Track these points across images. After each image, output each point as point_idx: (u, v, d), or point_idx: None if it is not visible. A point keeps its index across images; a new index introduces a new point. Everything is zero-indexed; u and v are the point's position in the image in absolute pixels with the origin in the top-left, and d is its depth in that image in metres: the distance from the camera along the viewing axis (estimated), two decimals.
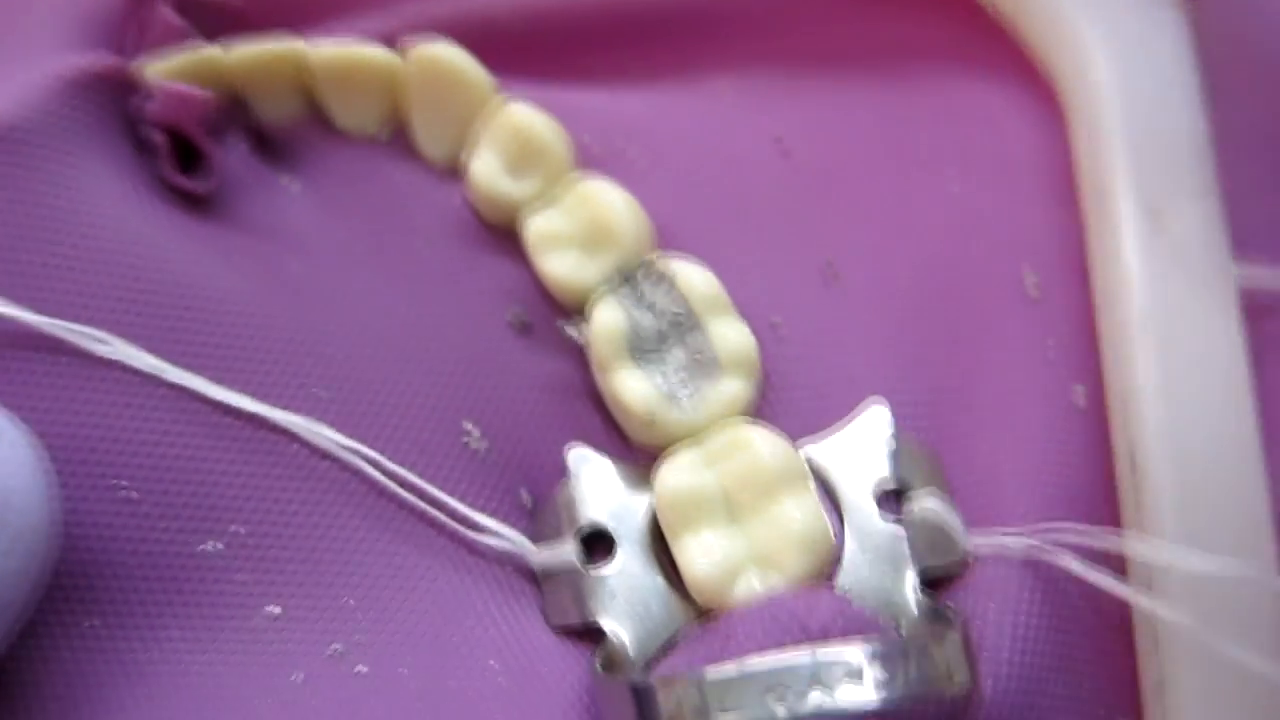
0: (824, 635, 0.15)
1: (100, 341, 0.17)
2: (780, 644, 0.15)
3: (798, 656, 0.14)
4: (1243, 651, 0.16)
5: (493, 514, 0.18)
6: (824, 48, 0.22)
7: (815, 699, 0.14)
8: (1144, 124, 0.20)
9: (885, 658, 0.14)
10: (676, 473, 0.17)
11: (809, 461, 0.18)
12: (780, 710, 0.14)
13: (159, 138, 0.19)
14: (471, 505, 0.18)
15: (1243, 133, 0.21)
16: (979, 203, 0.21)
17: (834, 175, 0.21)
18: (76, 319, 0.17)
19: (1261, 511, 0.17)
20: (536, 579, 0.18)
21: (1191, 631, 0.16)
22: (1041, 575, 0.17)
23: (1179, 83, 0.21)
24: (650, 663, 0.17)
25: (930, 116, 0.22)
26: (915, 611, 0.16)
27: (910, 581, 0.17)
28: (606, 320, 0.18)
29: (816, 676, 0.14)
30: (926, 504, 0.17)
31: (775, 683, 0.14)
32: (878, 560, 0.17)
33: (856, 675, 0.14)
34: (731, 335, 0.18)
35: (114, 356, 0.17)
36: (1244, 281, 0.19)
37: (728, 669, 0.14)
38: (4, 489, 0.14)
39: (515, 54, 0.21)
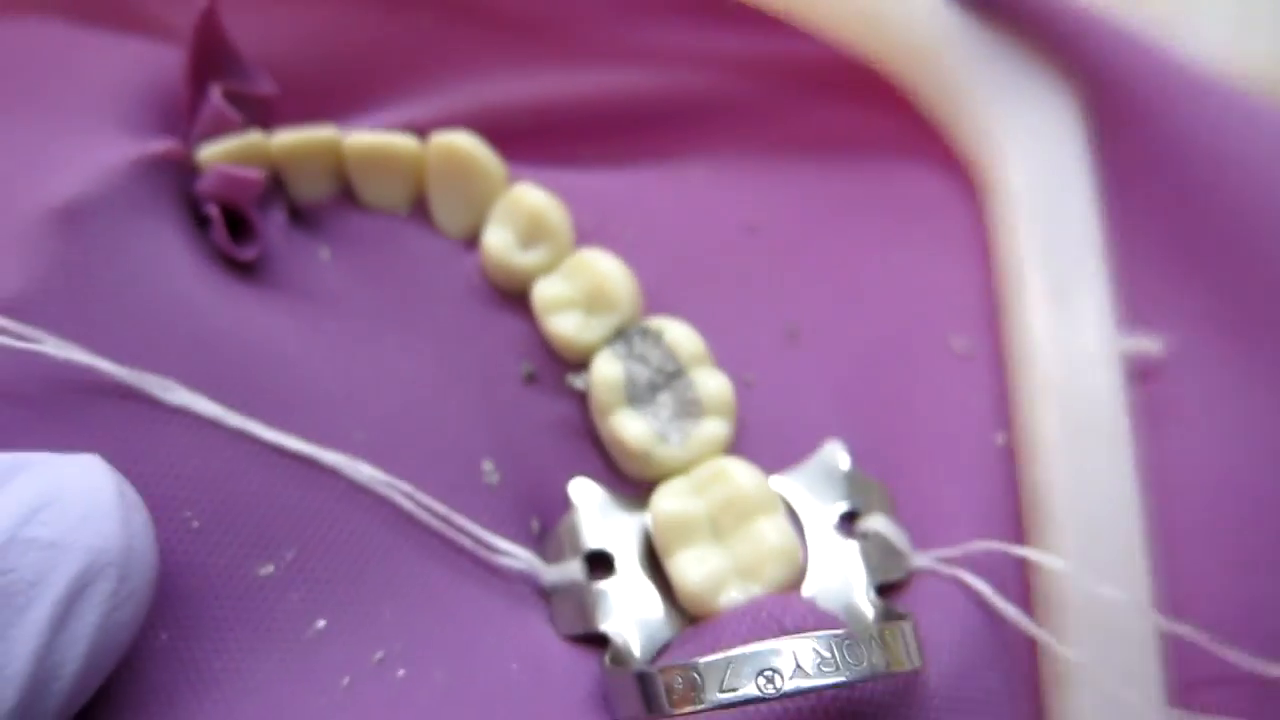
0: (798, 629, 0.18)
1: (166, 389, 0.20)
2: (762, 638, 0.18)
3: (778, 643, 0.17)
4: (1116, 667, 0.20)
5: (508, 540, 0.21)
6: (785, 138, 0.26)
7: (794, 679, 0.17)
8: (1049, 213, 0.24)
9: (850, 644, 0.17)
10: (670, 499, 0.20)
11: (778, 492, 0.21)
12: (767, 689, 0.17)
13: (213, 211, 0.21)
14: (490, 532, 0.21)
15: (1137, 211, 0.25)
16: (916, 275, 0.25)
17: (795, 249, 0.25)
18: (143, 369, 0.19)
19: (1140, 542, 0.21)
20: (546, 595, 0.21)
21: (1077, 646, 0.20)
22: (970, 588, 0.20)
23: (1076, 166, 0.25)
24: (651, 661, 0.19)
25: (876, 199, 0.26)
26: (872, 611, 0.20)
27: (866, 589, 0.20)
28: (606, 371, 0.21)
29: (794, 661, 0.17)
30: (877, 524, 0.21)
31: (760, 666, 0.17)
32: (837, 572, 0.20)
33: (828, 660, 0.17)
34: (713, 384, 0.21)
35: (179, 403, 0.20)
36: (1129, 348, 0.23)
37: (719, 656, 0.17)
38: (130, 549, 0.16)
39: (522, 141, 0.25)
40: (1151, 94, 0.25)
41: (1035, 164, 0.25)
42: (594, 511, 0.21)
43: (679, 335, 0.22)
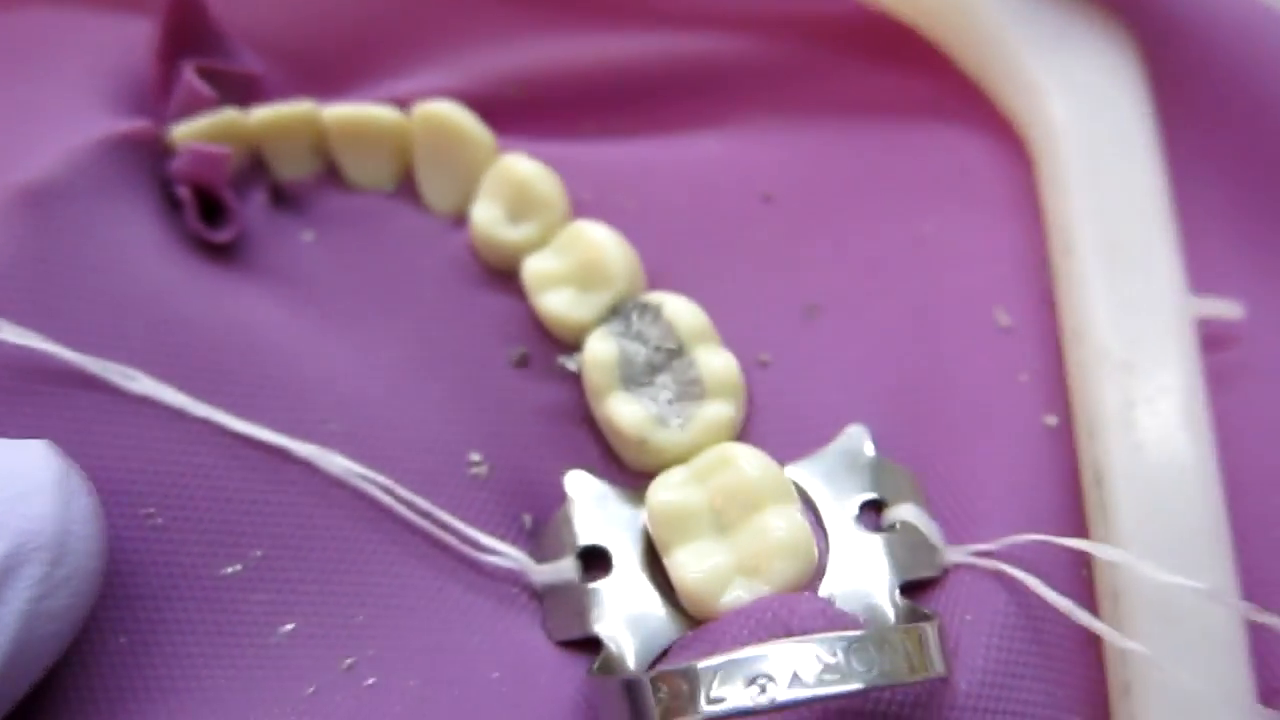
0: (805, 633, 0.16)
1: (129, 378, 0.18)
2: (763, 642, 0.16)
3: (779, 647, 0.15)
4: (1194, 665, 0.17)
5: (497, 537, 0.19)
6: (807, 103, 0.24)
7: (795, 687, 0.14)
8: (1103, 166, 0.22)
9: (860, 649, 0.15)
10: (667, 490, 0.18)
11: (793, 482, 0.19)
12: (763, 699, 0.14)
13: (185, 193, 0.20)
14: (477, 528, 0.19)
15: (1201, 165, 0.23)
16: (951, 243, 0.22)
17: (814, 220, 0.22)
18: (108, 357, 0.18)
19: (1220, 528, 0.18)
20: (538, 596, 0.19)
21: (1150, 644, 0.17)
22: (1013, 585, 0.18)
23: (1134, 125, 0.22)
24: (648, 668, 0.17)
25: (906, 164, 0.23)
26: (894, 612, 0.17)
27: (890, 588, 0.18)
28: (599, 350, 0.19)
29: (796, 666, 0.15)
30: (905, 514, 0.18)
31: (758, 673, 0.15)
32: (859, 569, 0.18)
33: (833, 666, 0.15)
34: (716, 363, 0.19)
35: (142, 392, 0.18)
36: (1199, 312, 0.21)
37: (715, 661, 0.15)
38: (66, 533, 0.15)
39: (514, 117, 0.23)
40: (1217, 35, 0.22)
41: (1089, 118, 0.22)
42: (590, 505, 0.19)
43: (679, 310, 0.20)
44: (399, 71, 0.23)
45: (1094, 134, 0.22)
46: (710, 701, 0.15)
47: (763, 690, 0.15)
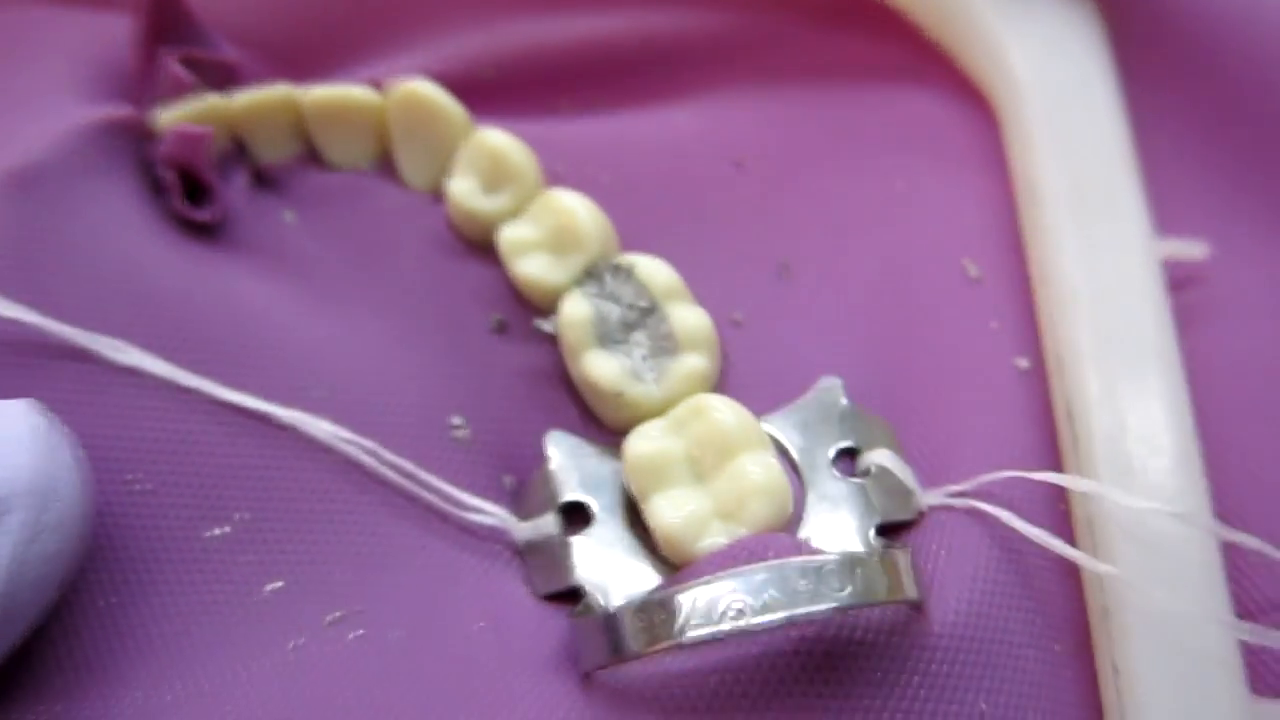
0: None
1: (117, 350, 0.19)
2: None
3: (755, 571, 0.15)
4: (1171, 586, 0.17)
5: (480, 497, 0.19)
6: (776, 71, 0.25)
7: (770, 610, 0.15)
8: (1066, 118, 0.22)
9: (833, 571, 0.15)
10: (644, 440, 0.19)
11: (769, 435, 0.19)
12: (740, 622, 0.15)
13: (169, 175, 0.21)
14: (460, 489, 0.19)
15: (1163, 113, 0.23)
16: (919, 200, 0.23)
17: (785, 183, 0.23)
18: (96, 330, 0.19)
19: (1192, 455, 0.18)
20: (521, 553, 0.19)
21: (1125, 569, 0.17)
22: (990, 522, 0.18)
23: (1096, 76, 0.23)
24: None
25: (873, 126, 0.24)
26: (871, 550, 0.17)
27: (866, 530, 0.18)
28: (574, 310, 0.20)
29: (771, 589, 0.15)
30: (880, 459, 0.19)
31: (730, 597, 0.15)
32: (835, 515, 0.18)
33: (804, 590, 0.15)
34: (690, 318, 0.20)
35: (130, 363, 0.19)
36: (1165, 253, 0.21)
37: (687, 590, 0.15)
38: (53, 479, 0.16)
39: (490, 97, 0.24)
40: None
41: (1051, 72, 0.23)
42: (569, 462, 0.19)
43: (651, 269, 0.20)
44: (374, 55, 0.23)
45: (1057, 87, 0.23)
46: (689, 628, 0.15)
47: (740, 614, 0.15)
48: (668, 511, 0.18)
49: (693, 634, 0.15)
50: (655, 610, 0.15)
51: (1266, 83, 0.22)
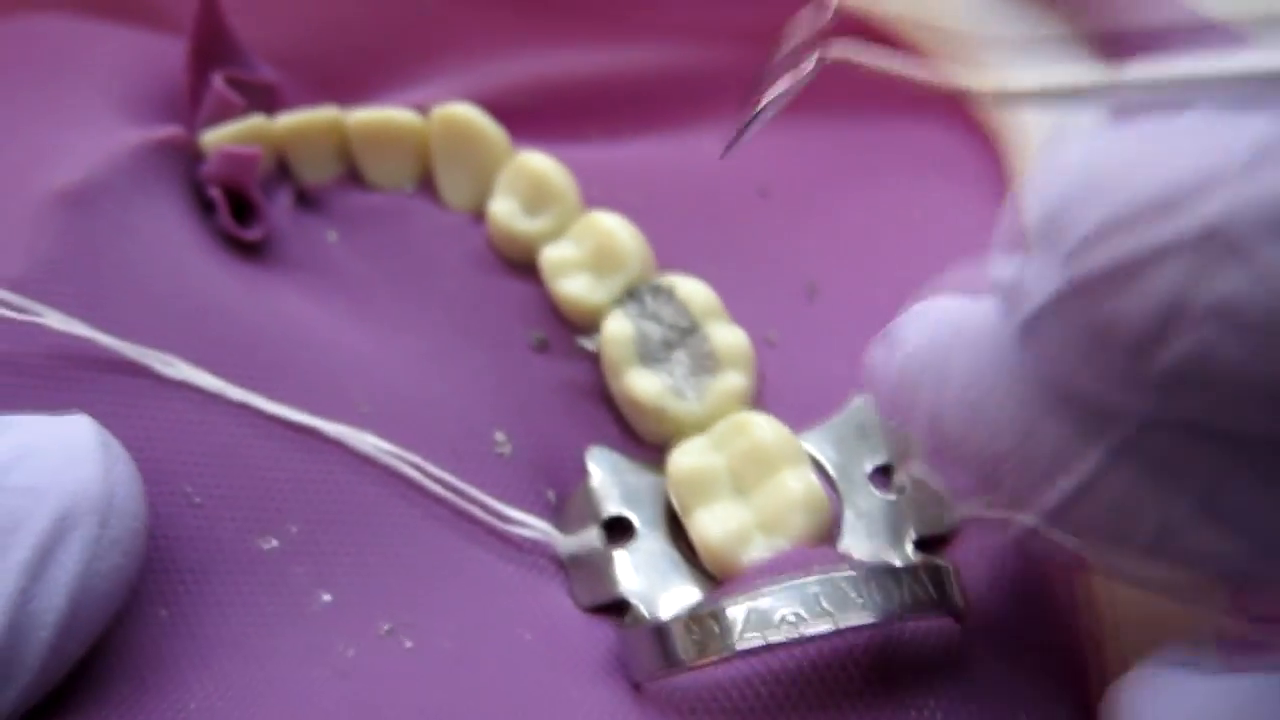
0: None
1: (167, 364, 0.19)
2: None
3: (803, 580, 0.15)
4: None
5: (522, 511, 0.20)
6: (793, 103, 0.25)
7: (820, 619, 0.15)
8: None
9: (880, 581, 0.16)
10: (687, 455, 0.19)
11: (805, 450, 0.20)
12: (793, 633, 0.15)
13: (217, 193, 0.21)
14: (503, 503, 0.20)
15: None
16: (938, 227, 0.24)
17: (808, 210, 0.24)
18: (147, 345, 0.19)
19: None
20: (565, 566, 0.19)
21: None
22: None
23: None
24: None
25: (891, 157, 0.25)
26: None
27: (905, 543, 0.19)
28: (616, 329, 0.20)
29: (821, 599, 0.15)
30: (914, 472, 0.19)
31: (783, 609, 0.15)
32: (874, 528, 0.19)
33: (853, 600, 0.15)
34: (728, 336, 0.20)
35: (180, 377, 0.19)
36: None
37: (739, 602, 0.15)
38: (112, 494, 0.16)
39: (524, 122, 0.24)
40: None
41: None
42: (611, 477, 0.20)
43: (691, 290, 0.21)
44: (414, 81, 0.24)
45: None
46: (740, 639, 0.15)
47: (790, 623, 0.15)
48: (711, 525, 0.18)
49: (744, 644, 0.15)
50: (707, 621, 0.16)
51: None
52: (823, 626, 0.15)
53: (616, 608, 0.19)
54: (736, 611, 0.16)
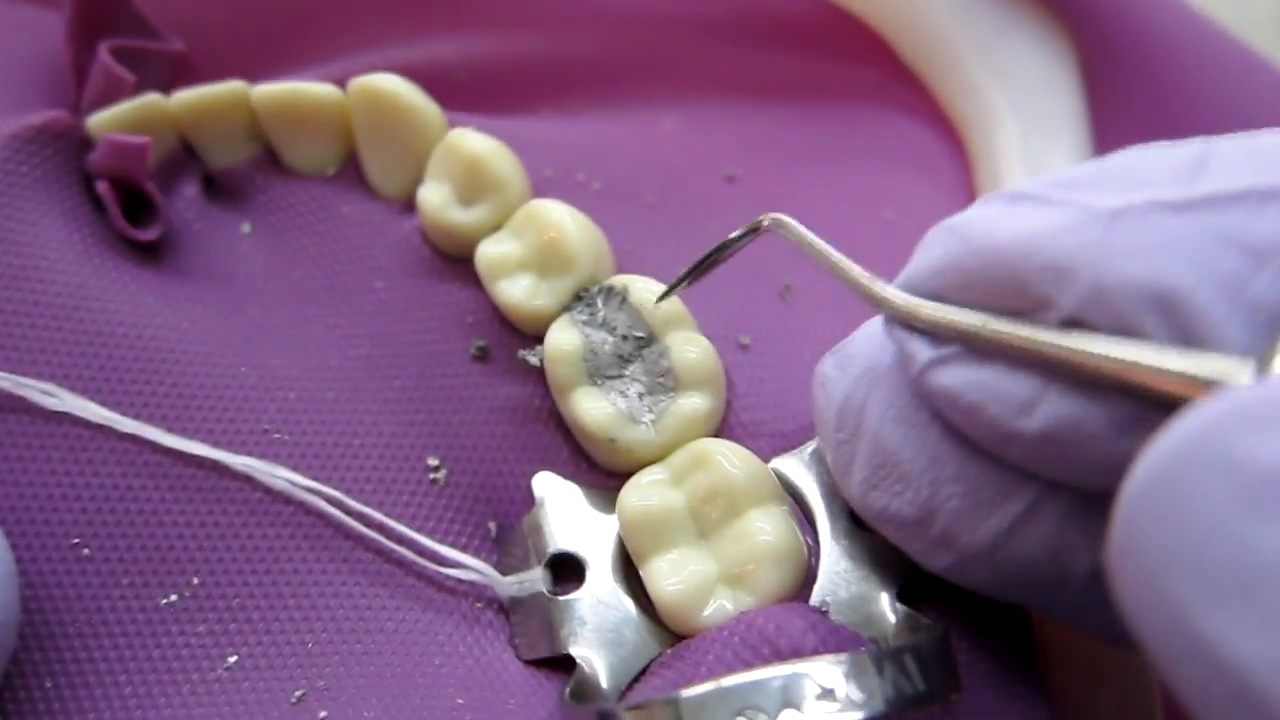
0: (796, 654, 0.14)
1: (48, 394, 0.17)
2: (750, 665, 0.14)
3: (769, 674, 0.13)
4: None
5: (460, 547, 0.17)
6: (762, 88, 0.23)
7: (788, 718, 0.13)
8: (1034, 153, 0.22)
9: (859, 674, 0.13)
10: (639, 493, 0.17)
11: (781, 476, 0.17)
12: None
13: (105, 189, 0.18)
14: (438, 540, 0.17)
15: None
16: (910, 218, 0.21)
17: (779, 201, 0.21)
18: (26, 373, 0.17)
19: None
20: (505, 611, 0.17)
21: None
22: None
23: (1072, 133, 0.22)
24: (624, 692, 0.16)
25: (862, 149, 0.23)
26: (894, 621, 0.16)
27: (888, 592, 0.16)
28: (561, 341, 0.18)
29: (788, 695, 0.13)
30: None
31: (748, 704, 0.13)
32: (855, 571, 0.16)
33: (830, 693, 0.13)
34: (690, 351, 0.17)
35: (63, 409, 0.17)
36: None
37: (701, 690, 0.13)
38: None
39: (463, 97, 0.21)
40: (1151, 45, 0.21)
41: (1026, 122, 0.22)
42: (560, 509, 0.17)
43: (646, 294, 0.18)
44: (336, 52, 0.21)
45: (1026, 124, 0.22)
46: None
47: None
48: (668, 578, 0.16)
49: None
50: (662, 709, 0.13)
51: (1227, 122, 0.20)
52: None
53: (562, 660, 0.17)
54: (691, 704, 0.13)
